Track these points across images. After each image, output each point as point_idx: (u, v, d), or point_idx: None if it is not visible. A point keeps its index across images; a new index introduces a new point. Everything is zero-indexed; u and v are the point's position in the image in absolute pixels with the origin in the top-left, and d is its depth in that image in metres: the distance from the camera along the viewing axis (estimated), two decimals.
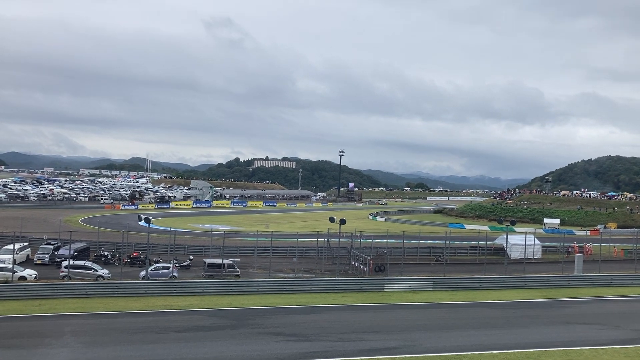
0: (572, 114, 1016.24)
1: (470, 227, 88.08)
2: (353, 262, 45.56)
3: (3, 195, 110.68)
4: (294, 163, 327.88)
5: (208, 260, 40.80)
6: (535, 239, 54.59)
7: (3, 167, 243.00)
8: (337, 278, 37.43)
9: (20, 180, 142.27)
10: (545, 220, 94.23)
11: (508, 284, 38.04)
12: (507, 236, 50.17)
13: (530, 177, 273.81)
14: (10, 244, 41.28)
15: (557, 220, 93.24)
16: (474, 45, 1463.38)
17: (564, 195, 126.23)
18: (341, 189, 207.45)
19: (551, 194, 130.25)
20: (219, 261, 39.79)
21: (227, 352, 21.35)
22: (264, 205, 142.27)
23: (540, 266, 49.09)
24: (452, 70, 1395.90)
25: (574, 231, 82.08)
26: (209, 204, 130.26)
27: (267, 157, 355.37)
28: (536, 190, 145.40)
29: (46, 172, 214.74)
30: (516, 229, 65.23)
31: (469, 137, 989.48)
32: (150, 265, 38.74)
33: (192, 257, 45.92)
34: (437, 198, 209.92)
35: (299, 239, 47.31)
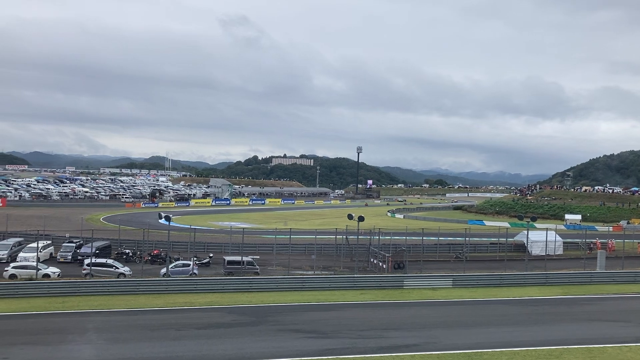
0: (593, 108, 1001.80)
1: (490, 223, 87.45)
2: (372, 260, 45.47)
3: (27, 195, 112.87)
4: (312, 160, 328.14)
5: (228, 258, 41.13)
6: (557, 235, 54.02)
7: (26, 166, 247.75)
8: (356, 275, 37.47)
9: (43, 180, 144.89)
10: (567, 216, 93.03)
11: (529, 281, 37.69)
12: (527, 232, 49.78)
13: (551, 173, 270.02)
14: (34, 242, 41.99)
15: (579, 216, 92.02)
16: (490, 40, 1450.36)
17: (586, 190, 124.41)
18: (359, 186, 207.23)
19: (572, 190, 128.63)
20: (238, 259, 40.06)
21: (247, 348, 21.47)
22: (282, 202, 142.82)
23: (562, 263, 48.50)
24: (469, 66, 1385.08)
25: (596, 227, 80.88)
26: (228, 202, 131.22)
27: (285, 154, 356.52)
28: (557, 186, 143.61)
29: (68, 171, 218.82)
30: (537, 225, 64.56)
31: (488, 132, 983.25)
32: (171, 262, 39.10)
33: (211, 255, 46.21)
34: (457, 194, 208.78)
35: (317, 237, 47.47)
